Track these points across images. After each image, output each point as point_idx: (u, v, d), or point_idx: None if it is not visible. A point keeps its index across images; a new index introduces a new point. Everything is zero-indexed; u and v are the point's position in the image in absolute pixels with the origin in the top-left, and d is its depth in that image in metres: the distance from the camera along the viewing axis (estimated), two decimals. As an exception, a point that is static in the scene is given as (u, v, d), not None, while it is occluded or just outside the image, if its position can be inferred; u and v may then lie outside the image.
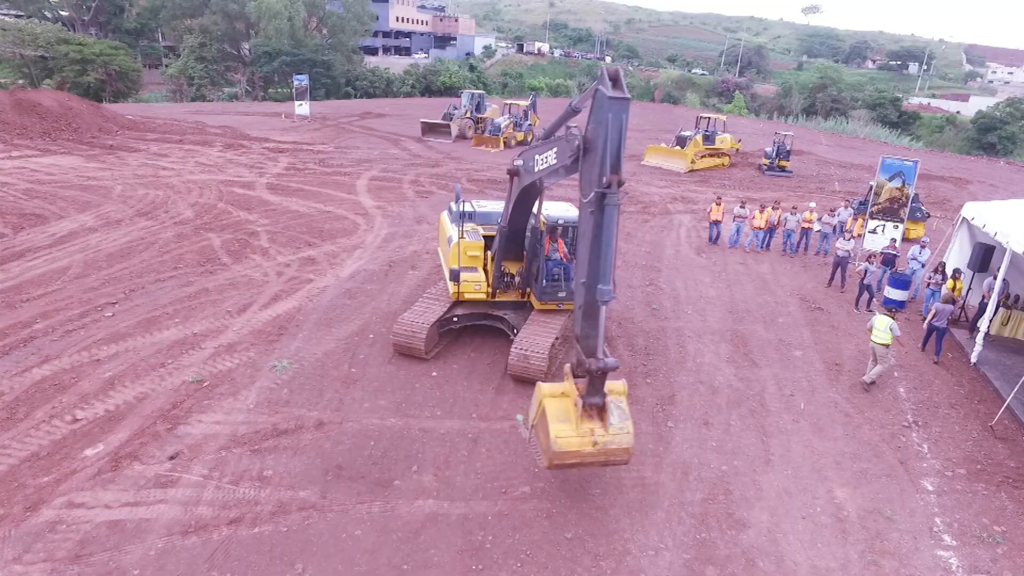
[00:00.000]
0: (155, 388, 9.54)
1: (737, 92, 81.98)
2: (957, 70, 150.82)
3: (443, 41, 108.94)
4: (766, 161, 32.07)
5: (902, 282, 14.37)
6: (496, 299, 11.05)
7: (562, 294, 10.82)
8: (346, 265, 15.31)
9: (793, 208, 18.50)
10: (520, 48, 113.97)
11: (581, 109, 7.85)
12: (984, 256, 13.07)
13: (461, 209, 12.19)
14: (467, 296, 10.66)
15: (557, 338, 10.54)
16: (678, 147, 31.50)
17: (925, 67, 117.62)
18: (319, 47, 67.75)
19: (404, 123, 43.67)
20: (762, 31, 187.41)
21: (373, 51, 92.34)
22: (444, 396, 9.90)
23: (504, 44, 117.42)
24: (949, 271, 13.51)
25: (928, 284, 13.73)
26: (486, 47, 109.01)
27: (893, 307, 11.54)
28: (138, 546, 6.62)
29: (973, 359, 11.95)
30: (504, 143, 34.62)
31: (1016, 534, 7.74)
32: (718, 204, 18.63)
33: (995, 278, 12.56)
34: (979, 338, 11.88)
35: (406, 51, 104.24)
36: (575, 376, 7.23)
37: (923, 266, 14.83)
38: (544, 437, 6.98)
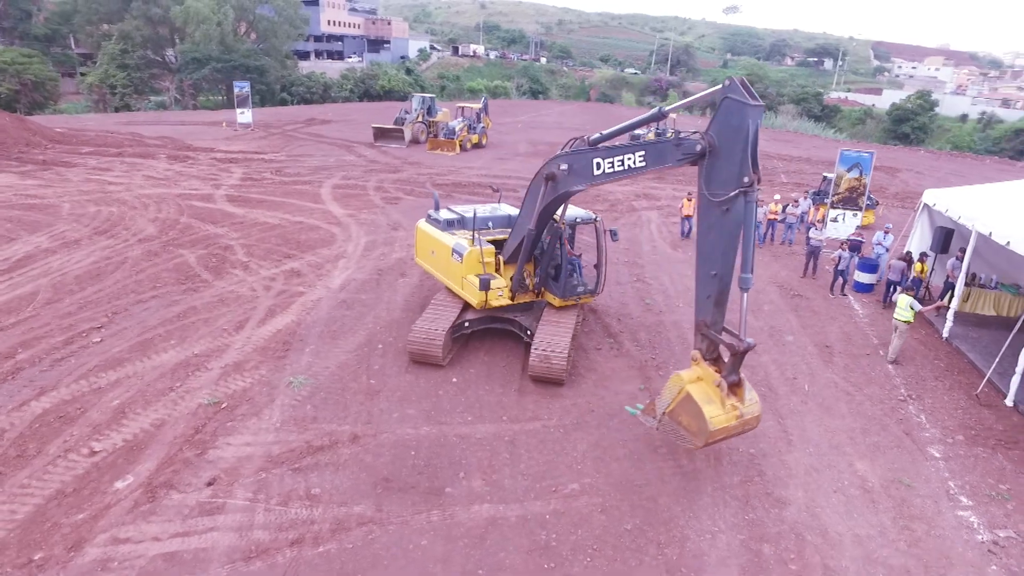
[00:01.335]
0: (171, 413, 9.15)
1: (671, 91, 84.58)
2: (866, 65, 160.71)
3: (376, 44, 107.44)
4: (715, 156, 33.29)
5: (870, 266, 15.36)
6: (514, 302, 11.13)
7: (580, 289, 11.10)
8: (334, 276, 15.03)
9: (760, 201, 19.34)
10: (455, 51, 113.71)
11: (668, 113, 8.16)
12: (945, 239, 14.15)
13: (458, 216, 12.24)
14: (492, 303, 10.70)
15: (573, 336, 10.74)
16: (632, 145, 32.30)
17: (841, 63, 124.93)
18: (251, 52, 65.49)
19: (351, 129, 42.97)
20: (687, 30, 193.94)
21: (305, 55, 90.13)
22: (470, 401, 9.93)
23: (440, 46, 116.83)
24: (916, 255, 14.53)
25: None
26: (421, 50, 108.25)
27: (907, 291, 12.31)
28: (202, 576, 6.40)
29: (945, 334, 12.94)
30: (460, 146, 34.60)
31: (1020, 491, 8.49)
32: (689, 200, 19.31)
33: (958, 259, 13.65)
34: (949, 315, 12.87)
35: (339, 55, 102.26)
36: (704, 359, 7.75)
37: (887, 250, 15.90)
38: (693, 420, 7.42)
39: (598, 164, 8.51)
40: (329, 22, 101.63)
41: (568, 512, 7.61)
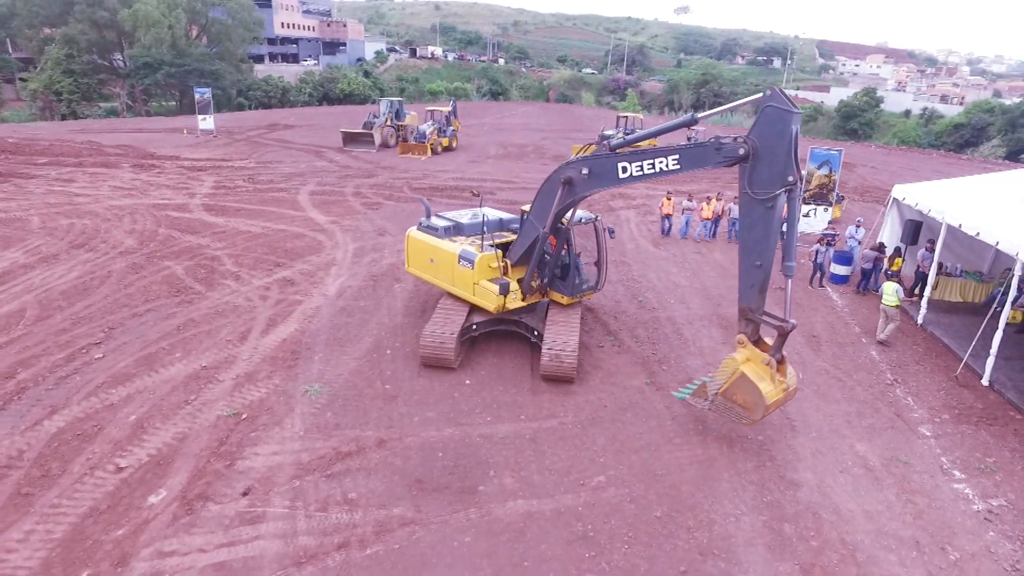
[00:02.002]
0: (191, 427, 9.12)
1: (629, 90, 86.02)
2: (812, 64, 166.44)
3: (332, 47, 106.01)
4: (682, 155, 34.23)
5: (845, 258, 16.20)
6: (524, 303, 11.39)
7: (585, 286, 11.51)
8: (328, 283, 15.03)
9: (735, 199, 20.15)
10: (413, 52, 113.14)
11: (698, 120, 8.61)
12: (914, 231, 15.05)
13: (453, 222, 12.35)
14: (509, 306, 10.95)
15: (580, 333, 11.09)
16: (602, 146, 32.94)
17: (789, 61, 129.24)
18: (205, 56, 63.88)
19: (317, 134, 42.53)
20: (640, 31, 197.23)
21: (259, 59, 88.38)
22: (486, 402, 10.17)
23: (399, 48, 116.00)
24: (889, 247, 15.40)
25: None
26: (378, 52, 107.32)
27: (892, 279, 13.11)
28: (256, 584, 6.49)
29: (919, 321, 13.77)
30: (431, 150, 34.64)
31: (1004, 462, 9.22)
32: (668, 199, 19.95)
33: (927, 250, 14.55)
34: (923, 303, 13.71)
35: (294, 58, 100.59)
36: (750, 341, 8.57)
37: (859, 243, 16.78)
38: (748, 396, 8.32)
39: (624, 168, 8.92)
40: (283, 24, 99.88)
41: (599, 503, 7.94)
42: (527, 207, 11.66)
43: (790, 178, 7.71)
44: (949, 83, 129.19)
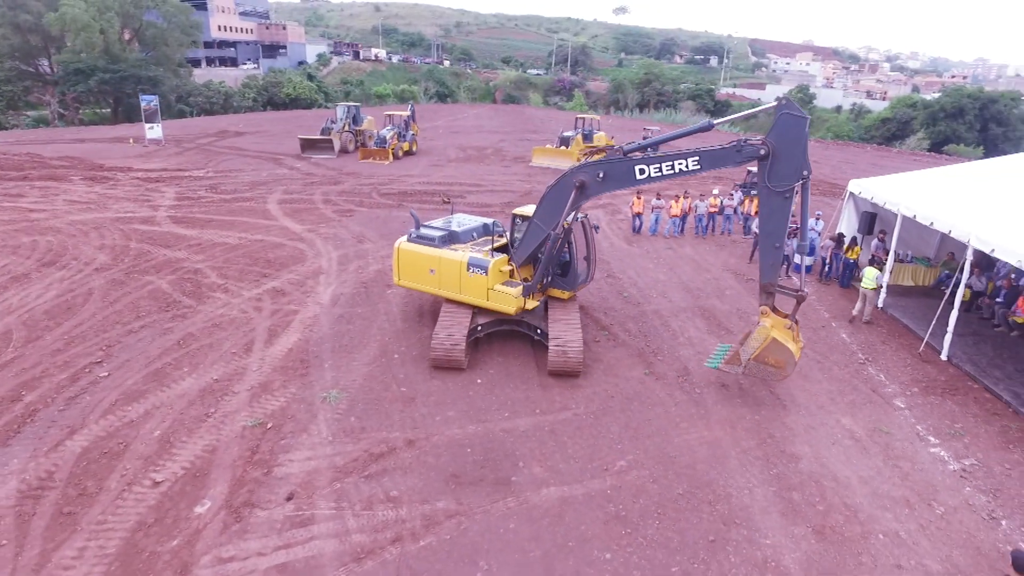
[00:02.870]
0: (219, 438, 9.25)
1: (576, 90, 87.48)
2: (746, 62, 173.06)
3: (272, 50, 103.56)
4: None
5: (807, 249, 17.37)
6: (536, 303, 11.90)
7: (582, 279, 12.31)
8: (320, 292, 15.16)
9: (701, 196, 21.26)
10: (356, 55, 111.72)
11: (714, 126, 9.51)
12: (869, 222, 16.33)
13: (447, 230, 12.67)
14: (528, 307, 11.44)
15: (581, 329, 11.69)
16: (563, 147, 33.78)
17: (726, 60, 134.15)
18: (141, 62, 61.54)
19: (270, 140, 41.81)
20: (580, 31, 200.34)
21: (196, 63, 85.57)
22: (501, 399, 10.64)
23: (343, 51, 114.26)
24: (847, 238, 16.65)
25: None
26: (320, 55, 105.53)
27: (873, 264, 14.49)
28: (322, 581, 6.79)
29: (880, 305, 15.00)
30: (392, 154, 34.66)
31: (969, 427, 10.34)
32: (639, 198, 20.83)
33: (879, 240, 15.84)
34: (883, 288, 14.94)
35: (232, 62, 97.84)
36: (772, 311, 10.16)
37: (819, 235, 18.03)
38: (780, 357, 9.94)
39: (642, 170, 9.66)
40: (220, 27, 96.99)
41: (624, 486, 8.56)
42: (518, 211, 12.18)
43: (805, 172, 8.98)
44: (873, 79, 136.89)
